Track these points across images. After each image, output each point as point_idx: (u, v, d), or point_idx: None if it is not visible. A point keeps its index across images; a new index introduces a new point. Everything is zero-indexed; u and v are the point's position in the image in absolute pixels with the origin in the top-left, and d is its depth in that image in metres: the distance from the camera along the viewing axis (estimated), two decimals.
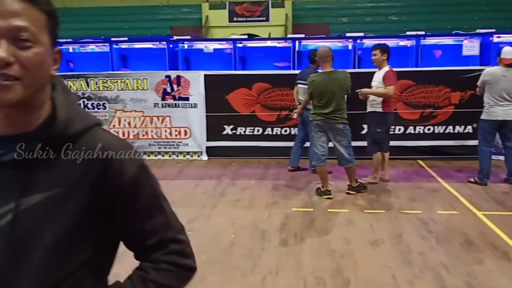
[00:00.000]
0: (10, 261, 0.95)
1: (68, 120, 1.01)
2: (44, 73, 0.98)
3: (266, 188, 6.01)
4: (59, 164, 1.00)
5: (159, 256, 1.09)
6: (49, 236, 0.97)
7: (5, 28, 0.92)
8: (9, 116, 0.98)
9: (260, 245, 4.25)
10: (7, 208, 0.96)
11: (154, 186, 1.10)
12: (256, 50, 8.77)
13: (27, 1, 0.94)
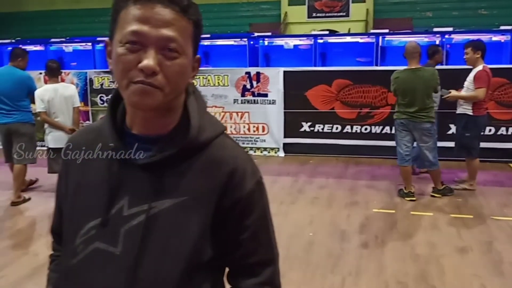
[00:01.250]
0: (138, 259, 0.97)
1: (200, 128, 1.01)
2: (183, 82, 1.00)
3: (344, 187, 5.89)
4: (188, 171, 1.01)
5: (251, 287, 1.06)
6: (176, 243, 0.98)
7: (155, 37, 0.92)
8: (147, 119, 1.01)
9: (340, 245, 4.17)
10: (140, 208, 0.99)
11: (265, 205, 1.08)
12: (336, 46, 8.62)
13: (179, 12, 0.94)
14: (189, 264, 0.99)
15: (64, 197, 1.11)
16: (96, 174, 1.04)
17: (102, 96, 7.90)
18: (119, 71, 0.95)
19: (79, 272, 1.02)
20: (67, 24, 16.34)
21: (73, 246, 1.03)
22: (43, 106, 5.22)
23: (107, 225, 1.00)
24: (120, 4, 0.96)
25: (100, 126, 1.10)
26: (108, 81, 7.86)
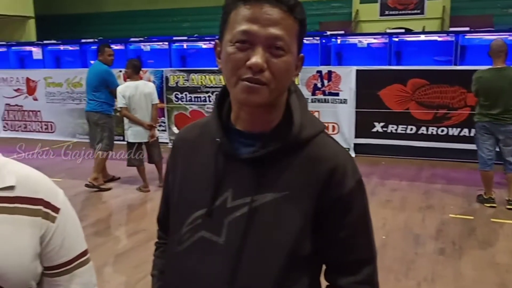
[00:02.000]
0: (240, 250, 1.02)
1: (301, 125, 1.04)
2: (288, 79, 1.03)
3: (418, 191, 5.71)
4: (289, 167, 1.04)
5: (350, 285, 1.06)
6: (277, 236, 1.01)
7: (263, 36, 0.96)
8: (252, 115, 1.05)
9: (414, 250, 4.05)
10: (243, 201, 1.03)
11: (365, 204, 1.09)
12: (412, 45, 8.35)
13: (286, 11, 0.97)
14: (289, 258, 1.01)
15: (172, 189, 1.17)
16: (202, 167, 1.10)
17: (177, 94, 8.16)
18: (229, 69, 1.00)
19: (185, 258, 1.07)
20: (143, 24, 17.02)
21: (180, 234, 1.09)
22: (124, 102, 5.49)
23: (211, 215, 1.05)
24: (230, 6, 1.01)
25: (207, 122, 1.15)
26: (183, 79, 8.11)
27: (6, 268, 0.92)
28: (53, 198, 1.02)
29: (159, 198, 4.93)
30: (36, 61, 10.04)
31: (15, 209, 0.96)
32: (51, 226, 1.00)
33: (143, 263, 3.92)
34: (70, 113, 8.84)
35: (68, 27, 17.13)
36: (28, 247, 0.96)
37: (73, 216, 1.07)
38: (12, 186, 0.96)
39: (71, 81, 8.74)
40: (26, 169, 1.03)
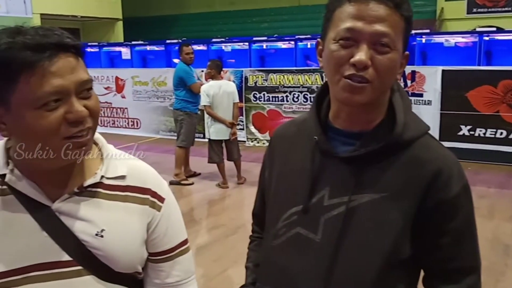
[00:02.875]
0: (336, 249, 1.01)
1: (405, 126, 1.02)
2: (392, 77, 1.01)
3: (509, 199, 5.37)
4: (389, 168, 1.02)
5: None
6: (375, 238, 1.00)
7: (368, 33, 0.95)
8: (352, 114, 1.04)
9: (503, 261, 3.82)
10: (341, 200, 1.02)
11: (471, 211, 1.04)
12: (503, 44, 7.84)
13: (392, 7, 0.95)
14: (387, 261, 0.99)
15: (268, 184, 1.19)
16: (299, 164, 1.10)
17: (255, 93, 8.27)
18: (331, 67, 1.00)
19: (280, 253, 1.09)
20: (223, 24, 17.42)
21: (275, 229, 1.10)
22: (208, 100, 5.67)
23: (308, 212, 1.05)
24: (335, 3, 1.00)
25: (304, 119, 1.16)
26: (262, 79, 8.20)
27: (118, 252, 0.99)
28: (159, 188, 1.08)
29: (237, 195, 5.08)
30: (124, 60, 10.62)
31: (127, 197, 1.02)
32: (157, 215, 1.05)
33: (221, 257, 4.03)
34: (154, 111, 9.26)
35: (154, 28, 17.93)
36: (137, 233, 1.02)
37: (176, 207, 1.13)
38: (124, 175, 1.03)
39: (156, 80, 9.15)
40: (136, 161, 1.10)
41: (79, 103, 0.88)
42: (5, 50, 0.83)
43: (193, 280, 1.14)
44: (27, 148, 0.90)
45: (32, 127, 0.86)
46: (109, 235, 0.97)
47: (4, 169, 0.95)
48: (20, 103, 0.85)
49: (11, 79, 0.84)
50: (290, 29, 14.67)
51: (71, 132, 0.88)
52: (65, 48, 0.87)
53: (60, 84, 0.85)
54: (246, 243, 4.44)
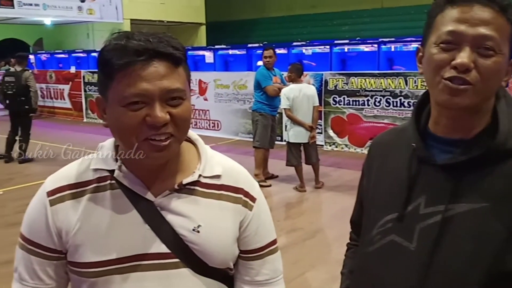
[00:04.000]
0: (431, 258, 0.98)
1: (509, 134, 0.97)
2: (496, 82, 0.97)
3: None
4: (490, 177, 0.97)
5: None
6: (473, 249, 0.96)
7: (471, 35, 0.92)
8: (452, 119, 1.01)
9: None
10: (437, 209, 1.00)
11: None
12: None
13: (498, 11, 0.93)
14: (487, 274, 0.95)
15: (366, 192, 1.19)
16: (395, 171, 1.09)
17: (335, 97, 8.19)
18: (431, 70, 0.97)
19: (374, 260, 1.08)
20: (304, 28, 17.41)
21: (370, 235, 1.10)
22: (288, 103, 5.71)
23: (403, 220, 1.04)
24: (436, 9, 0.98)
25: (404, 127, 1.15)
26: (342, 83, 8.10)
27: (213, 247, 1.03)
28: (251, 189, 1.11)
29: (314, 198, 5.04)
30: (207, 64, 10.96)
31: (221, 195, 1.07)
32: (249, 214, 1.09)
33: (299, 260, 4.03)
34: (234, 113, 9.47)
35: (235, 32, 18.33)
36: (230, 230, 1.06)
37: (266, 207, 1.16)
38: (219, 175, 1.08)
39: (237, 83, 9.35)
40: (230, 162, 1.15)
41: (162, 109, 0.92)
42: (110, 51, 0.92)
43: (281, 279, 1.16)
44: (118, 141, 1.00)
45: (117, 122, 0.94)
46: (205, 230, 1.02)
47: (113, 165, 1.02)
48: (113, 99, 0.93)
49: (110, 76, 0.92)
50: (372, 31, 14.36)
51: (147, 134, 0.92)
52: (160, 56, 0.92)
53: (145, 88, 0.90)
54: (323, 248, 4.44)
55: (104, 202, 1.01)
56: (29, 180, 6.78)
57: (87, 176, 1.03)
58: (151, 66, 0.91)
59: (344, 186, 6.15)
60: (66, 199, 1.01)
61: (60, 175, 1.05)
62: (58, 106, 13.12)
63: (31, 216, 1.04)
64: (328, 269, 3.89)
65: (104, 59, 0.93)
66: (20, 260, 1.05)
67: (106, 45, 0.94)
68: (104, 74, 0.94)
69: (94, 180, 1.02)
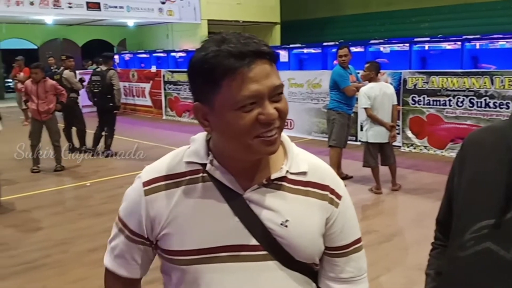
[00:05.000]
0: None
1: None
2: None
3: None
4: None
5: None
6: None
7: None
8: None
9: None
10: None
11: None
12: None
13: None
14: None
15: (456, 191, 1.14)
16: (493, 176, 1.04)
17: (414, 97, 7.91)
18: None
19: (466, 266, 1.03)
20: (380, 25, 16.98)
21: (462, 240, 1.05)
22: (368, 102, 5.59)
23: (500, 227, 0.99)
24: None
25: (501, 126, 1.09)
26: (422, 82, 7.81)
27: (300, 242, 1.05)
28: (337, 186, 1.12)
29: (391, 201, 4.89)
30: (282, 63, 11.02)
31: (308, 192, 1.08)
32: (335, 211, 1.09)
33: (374, 263, 3.94)
34: (308, 112, 9.43)
35: (310, 31, 18.25)
36: (317, 226, 1.07)
37: (351, 206, 1.15)
38: (305, 172, 1.09)
39: (311, 82, 9.30)
40: (315, 159, 1.15)
41: (270, 105, 0.95)
42: (212, 58, 0.94)
43: (365, 278, 1.16)
44: (225, 142, 1.01)
45: (230, 125, 0.95)
46: (293, 225, 1.03)
47: (205, 159, 1.06)
48: (222, 104, 0.95)
49: (215, 83, 0.94)
50: (452, 28, 13.72)
51: (260, 131, 0.96)
52: (261, 55, 0.95)
53: (256, 89, 0.93)
54: (400, 252, 4.32)
55: (196, 194, 1.04)
56: (113, 173, 7.19)
57: (180, 168, 1.07)
58: (256, 67, 0.94)
59: (422, 189, 5.93)
60: (160, 189, 1.05)
61: (155, 167, 1.10)
62: (140, 103, 13.76)
63: (127, 201, 1.10)
64: (405, 273, 3.77)
65: (207, 68, 0.94)
66: (114, 236, 1.13)
67: (205, 53, 0.95)
68: (207, 81, 0.95)
69: (187, 172, 1.06)
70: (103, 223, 4.85)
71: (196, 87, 1.00)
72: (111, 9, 15.59)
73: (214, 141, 1.05)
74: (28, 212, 5.43)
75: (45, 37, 18.56)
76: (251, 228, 1.02)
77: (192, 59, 0.98)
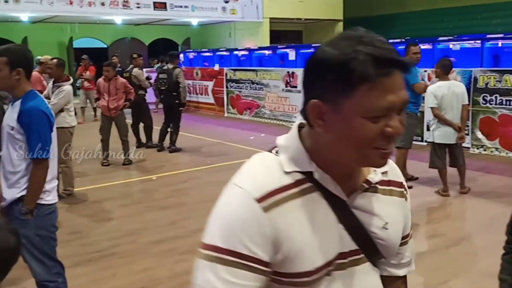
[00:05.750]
0: None
1: None
2: None
3: None
4: None
5: None
6: None
7: None
8: None
9: None
10: None
11: None
12: None
13: None
14: None
15: None
16: None
17: (485, 96, 7.55)
18: None
19: None
20: (447, 22, 16.34)
21: None
22: (435, 102, 5.40)
23: None
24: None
25: None
26: (494, 80, 7.43)
27: (395, 242, 1.07)
28: (403, 180, 1.14)
29: (459, 204, 4.73)
30: None
31: (392, 191, 1.08)
32: (407, 205, 1.13)
33: (441, 268, 3.82)
34: None
35: (374, 28, 17.64)
36: (402, 224, 1.10)
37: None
38: (387, 171, 1.09)
39: None
40: None
41: (397, 119, 0.91)
42: (352, 59, 0.86)
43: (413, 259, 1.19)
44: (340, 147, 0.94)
45: (355, 132, 0.90)
46: (390, 227, 1.04)
47: (308, 166, 0.98)
48: (353, 109, 0.88)
49: (351, 85, 0.87)
50: None
51: (380, 143, 0.91)
52: (400, 66, 0.90)
53: (392, 101, 0.88)
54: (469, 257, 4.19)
55: (308, 206, 0.97)
56: (177, 168, 7.41)
57: (285, 179, 0.97)
58: (395, 77, 0.89)
59: (493, 192, 5.66)
60: (278, 204, 0.95)
61: (259, 181, 0.97)
62: (202, 101, 14.06)
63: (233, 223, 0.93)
64: (474, 279, 3.63)
65: (344, 68, 0.87)
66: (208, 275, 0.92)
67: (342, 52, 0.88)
68: (340, 82, 0.88)
69: (294, 183, 0.98)
70: (168, 216, 5.02)
71: (321, 84, 0.91)
72: (177, 9, 16.04)
73: (319, 145, 0.97)
74: (99, 203, 5.71)
75: (114, 36, 19.38)
76: (353, 234, 1.01)
77: (321, 54, 0.91)
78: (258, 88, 11.96)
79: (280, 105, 11.39)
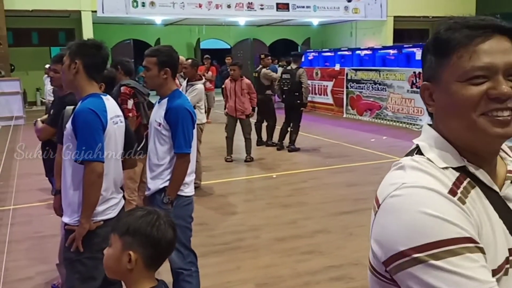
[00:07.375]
0: None
1: None
2: None
3: None
4: None
5: None
6: None
7: None
8: None
9: None
10: None
11: None
12: None
13: None
14: None
15: None
16: None
17: None
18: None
19: None
20: None
21: None
22: None
23: None
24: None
25: None
26: None
27: None
28: None
29: None
30: None
31: None
32: None
33: None
34: None
35: None
36: None
37: None
38: None
39: None
40: None
41: (505, 83, 0.88)
42: (445, 31, 0.92)
43: None
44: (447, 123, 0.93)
45: (453, 98, 0.90)
46: None
47: (460, 160, 0.92)
48: (449, 77, 0.91)
49: (446, 55, 0.91)
50: None
51: (489, 107, 0.87)
52: (501, 30, 0.90)
53: (489, 62, 0.87)
54: None
55: (476, 203, 0.90)
56: (296, 167, 7.47)
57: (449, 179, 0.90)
58: (493, 40, 0.89)
59: None
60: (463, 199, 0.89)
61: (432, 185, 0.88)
62: (320, 101, 14.02)
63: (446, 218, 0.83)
64: None
65: (440, 39, 0.93)
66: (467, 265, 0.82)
67: (441, 26, 0.94)
68: (439, 54, 0.93)
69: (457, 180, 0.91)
70: (289, 215, 5.07)
71: (427, 66, 0.97)
72: (299, 9, 16.18)
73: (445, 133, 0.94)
74: (224, 197, 5.97)
75: (237, 37, 20.14)
76: (510, 228, 0.92)
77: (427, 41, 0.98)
78: (381, 89, 11.61)
79: (404, 107, 10.94)
